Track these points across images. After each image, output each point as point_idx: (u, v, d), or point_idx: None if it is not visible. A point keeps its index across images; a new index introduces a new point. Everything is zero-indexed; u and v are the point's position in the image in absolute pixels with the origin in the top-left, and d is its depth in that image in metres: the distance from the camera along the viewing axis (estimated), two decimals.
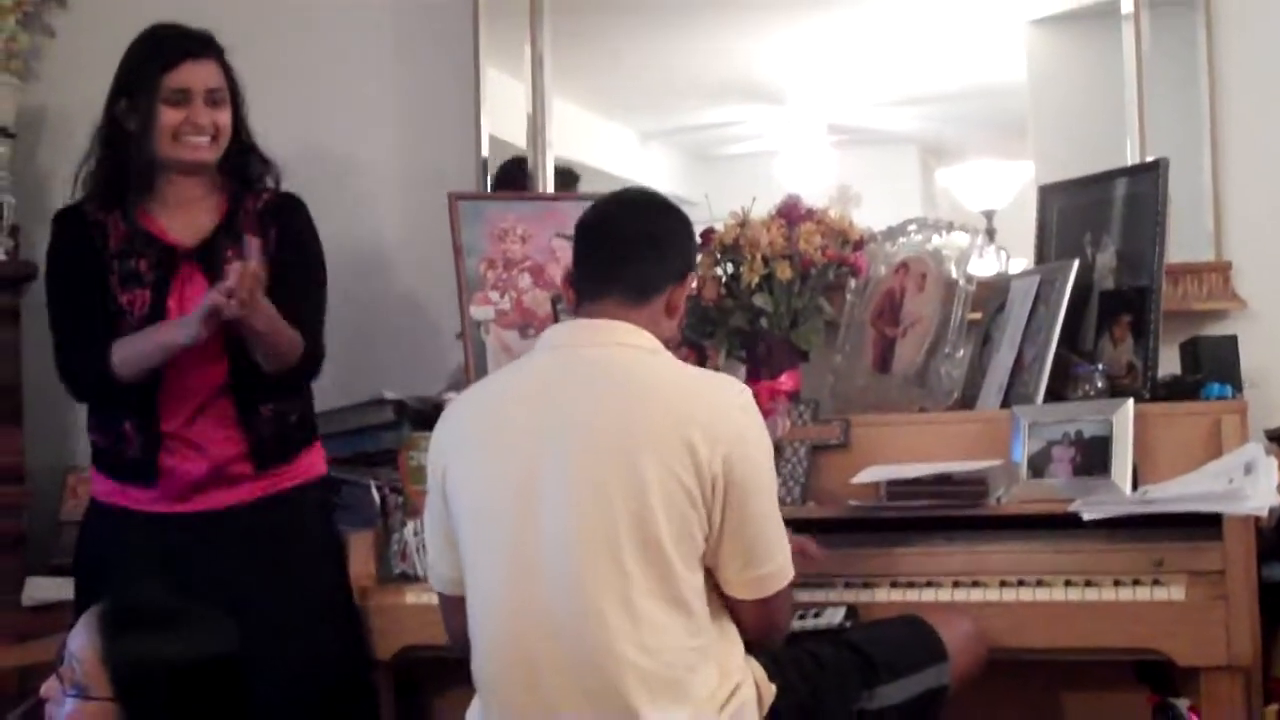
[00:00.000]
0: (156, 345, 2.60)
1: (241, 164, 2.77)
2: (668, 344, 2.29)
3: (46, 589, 3.04)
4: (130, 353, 2.61)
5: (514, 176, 3.38)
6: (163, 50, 2.68)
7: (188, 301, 2.65)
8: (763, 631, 2.27)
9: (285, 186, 2.81)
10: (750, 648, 2.25)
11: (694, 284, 2.41)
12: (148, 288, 2.66)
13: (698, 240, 2.39)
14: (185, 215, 2.72)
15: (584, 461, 2.13)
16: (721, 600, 2.21)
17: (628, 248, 2.27)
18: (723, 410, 2.17)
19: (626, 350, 2.21)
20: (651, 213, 2.33)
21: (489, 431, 2.22)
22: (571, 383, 2.19)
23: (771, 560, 2.20)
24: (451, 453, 2.25)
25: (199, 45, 2.69)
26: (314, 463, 2.81)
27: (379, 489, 2.96)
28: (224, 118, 2.70)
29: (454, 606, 2.29)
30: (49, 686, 2.16)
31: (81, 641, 2.13)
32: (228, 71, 2.73)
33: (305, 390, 2.80)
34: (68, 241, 2.73)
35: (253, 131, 2.79)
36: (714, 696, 2.14)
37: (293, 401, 2.75)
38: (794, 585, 2.29)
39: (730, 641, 2.21)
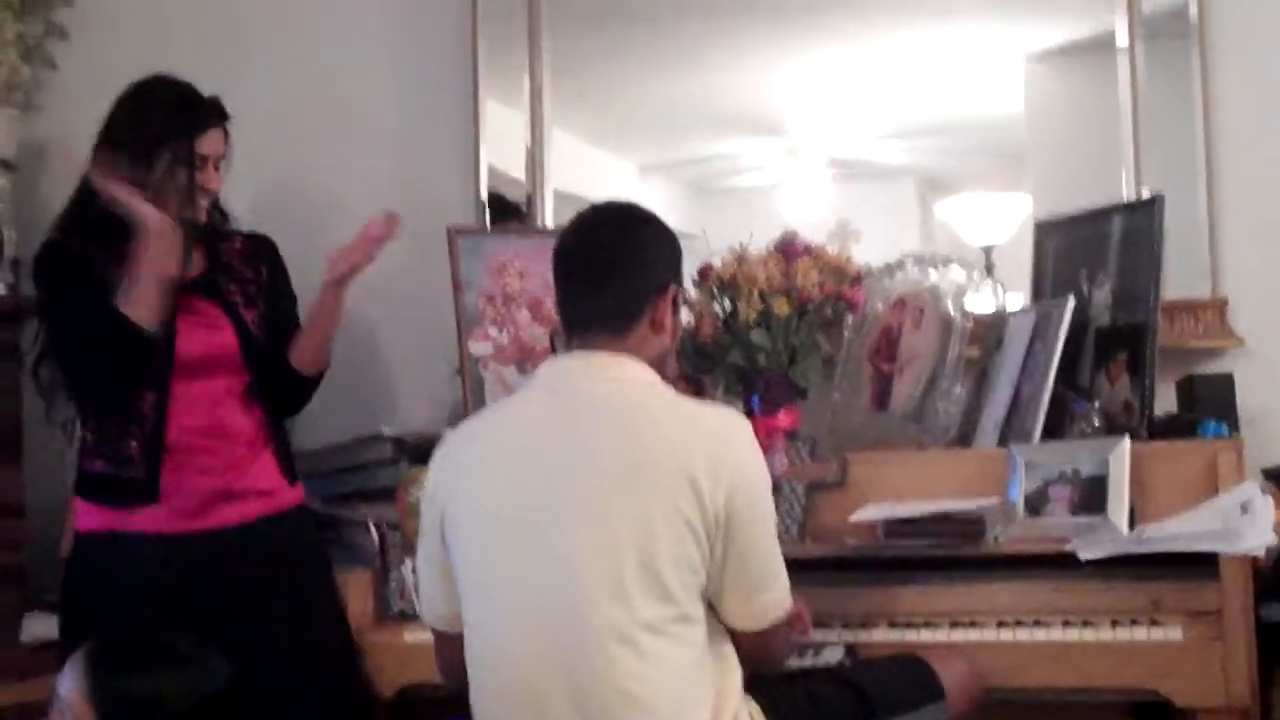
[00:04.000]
0: (145, 277, 2.59)
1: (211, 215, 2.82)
2: (663, 365, 2.25)
3: (46, 626, 3.03)
4: (134, 300, 2.59)
5: None
6: (196, 114, 2.71)
7: (192, 318, 2.69)
8: (760, 659, 2.27)
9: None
10: (748, 685, 2.24)
11: (677, 296, 2.28)
12: None
13: (679, 247, 2.28)
14: None
15: (587, 497, 2.12)
16: (720, 632, 2.20)
17: (597, 275, 2.22)
18: (724, 444, 2.16)
19: (624, 385, 2.19)
20: (615, 231, 2.27)
21: (489, 469, 2.21)
22: (572, 419, 2.18)
23: (771, 591, 2.20)
24: (450, 490, 2.24)
25: (221, 112, 2.75)
26: (300, 487, 2.87)
27: (377, 526, 2.97)
28: (220, 182, 2.77)
29: (448, 643, 2.28)
30: None
31: (70, 684, 2.11)
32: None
33: None
34: (62, 270, 2.71)
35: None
36: None
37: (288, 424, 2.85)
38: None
39: (729, 674, 2.21)
